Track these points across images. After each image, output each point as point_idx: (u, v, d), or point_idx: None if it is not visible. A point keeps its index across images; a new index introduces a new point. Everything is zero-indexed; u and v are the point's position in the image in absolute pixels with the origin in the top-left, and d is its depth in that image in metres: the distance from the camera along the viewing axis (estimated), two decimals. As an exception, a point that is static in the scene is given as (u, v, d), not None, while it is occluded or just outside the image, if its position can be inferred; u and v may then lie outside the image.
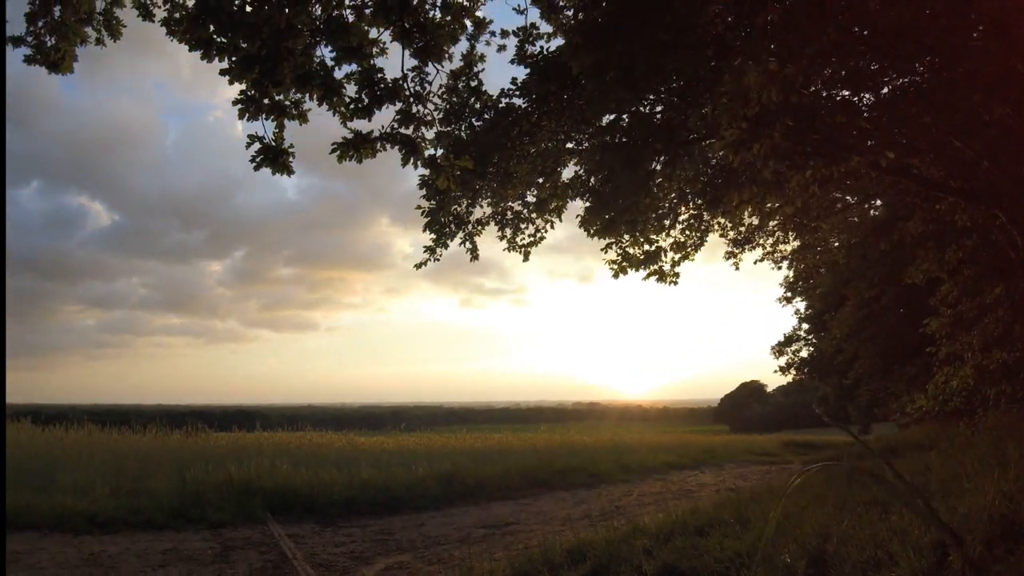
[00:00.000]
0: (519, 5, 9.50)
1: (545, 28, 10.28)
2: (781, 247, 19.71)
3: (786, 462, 22.38)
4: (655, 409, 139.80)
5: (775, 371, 35.94)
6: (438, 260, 12.00)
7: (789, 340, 34.42)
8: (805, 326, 33.64)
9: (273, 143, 6.09)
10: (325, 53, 5.98)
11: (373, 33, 5.98)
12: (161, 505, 10.29)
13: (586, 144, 11.84)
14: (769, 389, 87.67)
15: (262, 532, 9.66)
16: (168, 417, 22.31)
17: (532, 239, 12.77)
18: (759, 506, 8.03)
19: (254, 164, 6.07)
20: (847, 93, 9.50)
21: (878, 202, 17.43)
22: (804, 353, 34.22)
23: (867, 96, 9.65)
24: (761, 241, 18.65)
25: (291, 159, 6.15)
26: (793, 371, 34.82)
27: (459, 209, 12.03)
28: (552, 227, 12.76)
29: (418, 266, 12.02)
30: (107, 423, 18.37)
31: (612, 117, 11.22)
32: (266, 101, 5.95)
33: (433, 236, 11.83)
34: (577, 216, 12.19)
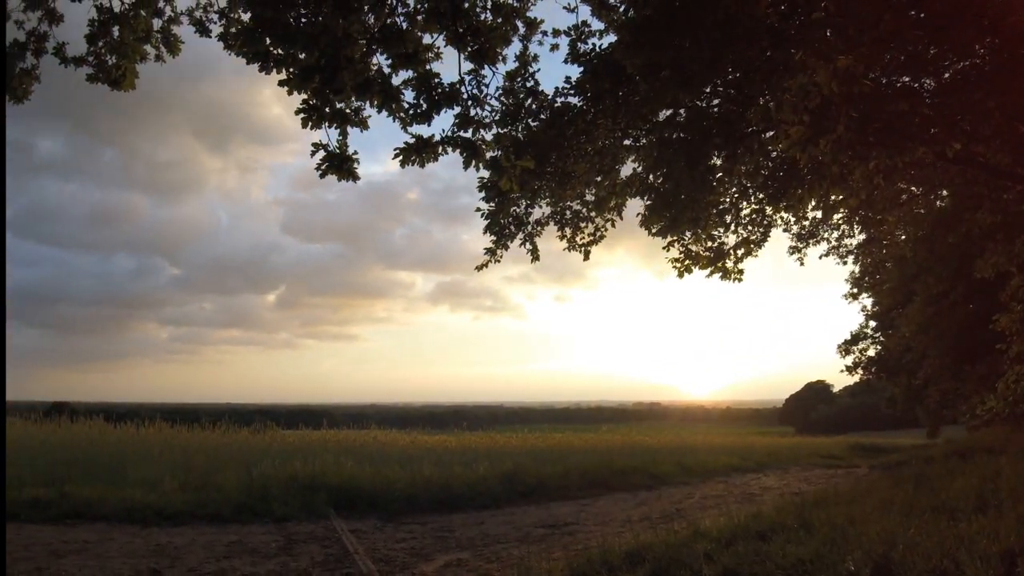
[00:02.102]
0: (569, 3, 9.45)
1: (596, 25, 10.20)
2: (846, 241, 19.32)
3: (852, 465, 21.78)
4: (718, 410, 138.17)
5: (842, 371, 35.05)
6: (498, 261, 12.03)
7: (856, 338, 33.51)
8: (872, 323, 32.74)
9: (337, 151, 6.16)
10: (381, 61, 6.05)
11: (427, 39, 6.02)
12: (228, 499, 10.60)
13: (644, 141, 11.70)
14: (835, 389, 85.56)
15: (325, 527, 9.86)
16: (236, 415, 22.89)
17: (592, 238, 12.68)
18: (823, 511, 7.85)
19: (320, 172, 6.13)
20: (908, 79, 9.21)
21: (944, 193, 16.84)
22: (871, 352, 33.28)
23: (928, 82, 9.34)
24: (826, 235, 18.29)
25: (356, 165, 6.21)
26: (860, 371, 33.87)
27: (518, 210, 12.02)
28: (613, 225, 12.65)
29: (479, 268, 12.03)
30: (177, 421, 18.87)
31: (669, 113, 11.07)
32: (328, 109, 6.02)
33: (493, 238, 11.85)
34: (637, 215, 12.09)
